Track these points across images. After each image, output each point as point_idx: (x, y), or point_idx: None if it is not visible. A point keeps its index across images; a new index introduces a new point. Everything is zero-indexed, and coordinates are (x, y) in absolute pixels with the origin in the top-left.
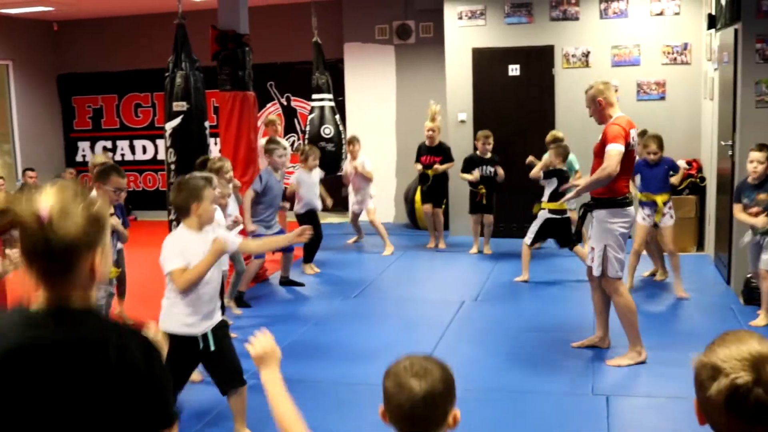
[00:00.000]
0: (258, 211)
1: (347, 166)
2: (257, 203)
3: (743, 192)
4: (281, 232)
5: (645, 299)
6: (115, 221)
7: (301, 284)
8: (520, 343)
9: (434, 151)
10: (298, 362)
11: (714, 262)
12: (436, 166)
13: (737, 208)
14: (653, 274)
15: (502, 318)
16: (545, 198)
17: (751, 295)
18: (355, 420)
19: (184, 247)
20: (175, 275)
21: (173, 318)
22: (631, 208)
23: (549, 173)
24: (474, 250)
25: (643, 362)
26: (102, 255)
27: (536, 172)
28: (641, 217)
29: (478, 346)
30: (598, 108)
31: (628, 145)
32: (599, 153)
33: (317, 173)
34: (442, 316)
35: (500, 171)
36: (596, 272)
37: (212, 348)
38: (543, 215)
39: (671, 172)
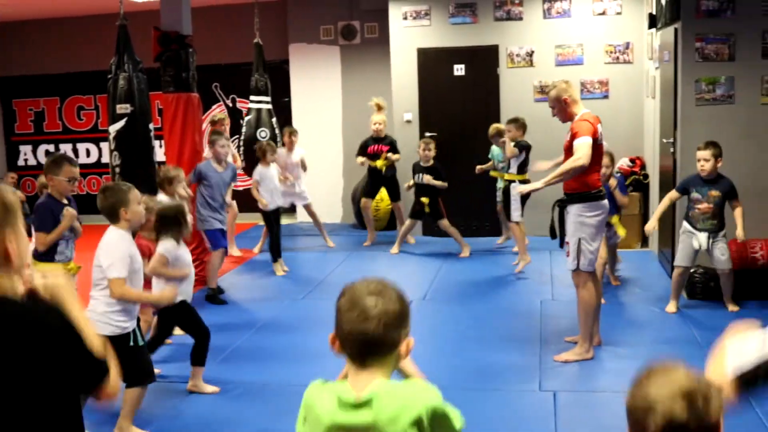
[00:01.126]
0: (200, 208)
1: (284, 157)
2: (199, 199)
3: (693, 185)
4: (222, 232)
5: None
6: (72, 214)
7: (223, 302)
8: (468, 341)
9: (381, 141)
10: (243, 366)
11: (658, 258)
12: (388, 155)
13: (672, 195)
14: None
15: (449, 316)
16: (514, 170)
17: (693, 290)
18: None
19: (130, 253)
20: (116, 284)
21: (109, 322)
22: (605, 201)
23: (521, 146)
24: (395, 250)
25: (589, 359)
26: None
27: (510, 150)
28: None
29: (425, 345)
30: (564, 106)
31: (596, 140)
32: (569, 149)
33: (275, 168)
34: None
35: (433, 182)
36: (571, 266)
37: (141, 343)
38: (517, 187)
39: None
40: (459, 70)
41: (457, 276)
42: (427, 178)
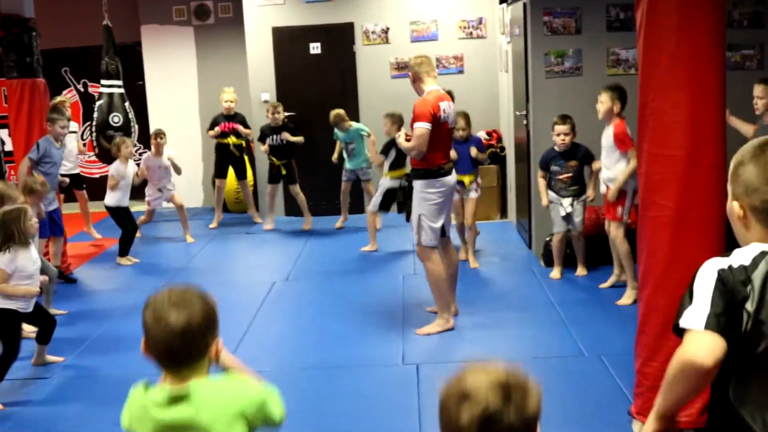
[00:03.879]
0: None
1: (150, 161)
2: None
3: (551, 160)
4: (57, 212)
5: None
6: None
7: (73, 281)
8: (332, 319)
9: (231, 119)
10: (103, 357)
11: (516, 228)
12: (240, 129)
13: (540, 175)
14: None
15: (313, 295)
16: (386, 169)
17: (550, 257)
18: None
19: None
20: None
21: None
22: (448, 178)
23: (387, 147)
24: (269, 226)
25: (450, 329)
26: None
27: (377, 157)
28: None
29: (290, 325)
30: (414, 81)
31: (438, 119)
32: (413, 128)
33: (132, 166)
34: (253, 298)
35: (291, 138)
36: (414, 239)
37: None
38: (385, 183)
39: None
40: (315, 48)
41: (321, 255)
42: (285, 135)
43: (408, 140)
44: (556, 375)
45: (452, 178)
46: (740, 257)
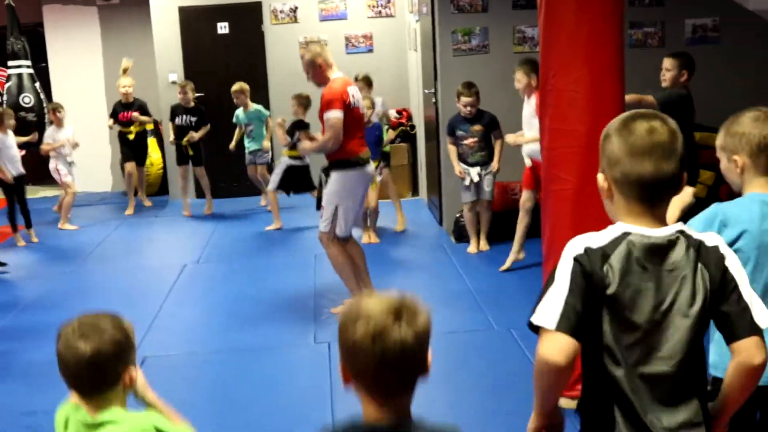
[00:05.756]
0: None
1: (55, 135)
2: None
3: (456, 126)
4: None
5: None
6: None
7: (3, 264)
8: (243, 301)
9: (130, 107)
10: (9, 347)
11: (427, 205)
12: (138, 116)
13: (449, 141)
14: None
15: (224, 278)
16: (287, 147)
17: (461, 233)
18: None
19: None
20: None
21: None
22: (368, 168)
23: (292, 128)
24: (187, 212)
25: None
26: None
27: (283, 138)
28: None
29: (201, 309)
30: (318, 71)
31: (349, 105)
32: (322, 119)
33: (12, 137)
34: (163, 282)
35: (200, 132)
36: (324, 228)
37: None
38: (285, 162)
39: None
40: (223, 28)
41: (232, 236)
42: (192, 134)
43: (311, 139)
44: (466, 348)
45: (371, 167)
46: (600, 238)
